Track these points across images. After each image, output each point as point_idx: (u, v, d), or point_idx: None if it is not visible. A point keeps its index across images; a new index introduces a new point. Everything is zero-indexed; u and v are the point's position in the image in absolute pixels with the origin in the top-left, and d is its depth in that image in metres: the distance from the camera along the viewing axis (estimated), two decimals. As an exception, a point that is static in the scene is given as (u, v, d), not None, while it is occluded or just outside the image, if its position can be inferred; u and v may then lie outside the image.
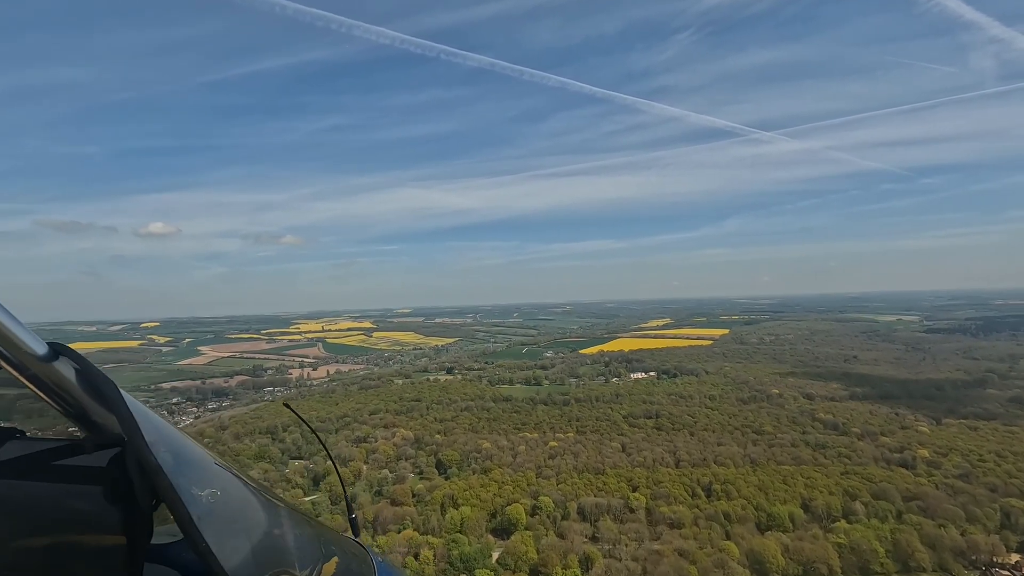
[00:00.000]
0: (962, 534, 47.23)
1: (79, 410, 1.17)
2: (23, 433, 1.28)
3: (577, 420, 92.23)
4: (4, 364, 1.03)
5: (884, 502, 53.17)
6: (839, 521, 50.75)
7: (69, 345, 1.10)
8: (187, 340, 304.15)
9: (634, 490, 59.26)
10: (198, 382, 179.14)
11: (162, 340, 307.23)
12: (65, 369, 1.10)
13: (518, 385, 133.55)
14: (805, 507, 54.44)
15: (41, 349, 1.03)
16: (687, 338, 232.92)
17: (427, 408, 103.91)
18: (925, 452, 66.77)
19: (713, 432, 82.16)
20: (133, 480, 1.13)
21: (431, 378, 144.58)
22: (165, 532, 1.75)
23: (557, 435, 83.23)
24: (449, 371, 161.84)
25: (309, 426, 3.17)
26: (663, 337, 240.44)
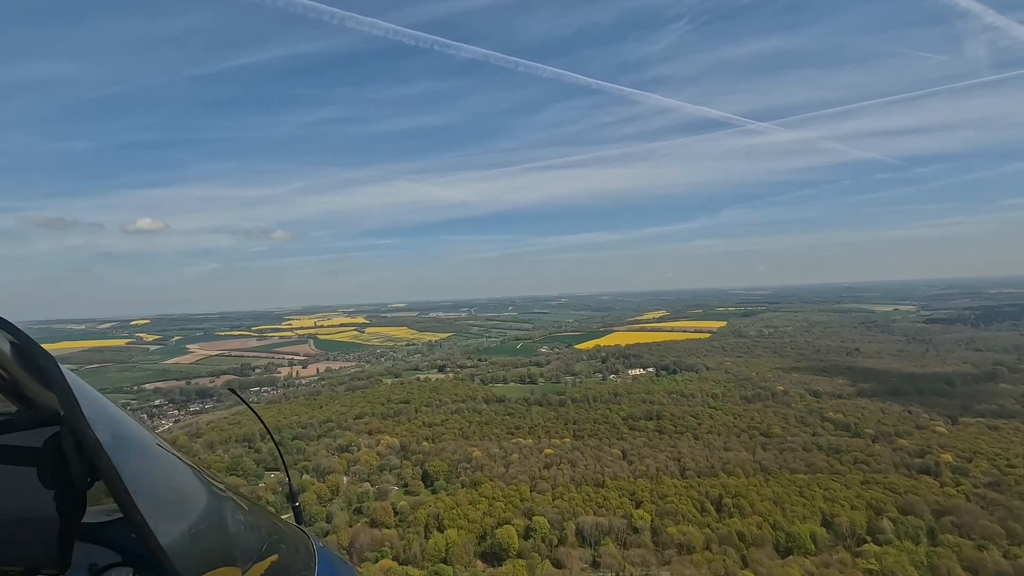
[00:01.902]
0: (1005, 556, 42.45)
1: (13, 384, 1.14)
2: None
3: (574, 423, 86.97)
4: None
5: (913, 518, 48.29)
6: (867, 543, 45.77)
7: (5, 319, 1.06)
8: (176, 338, 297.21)
9: (637, 506, 54.04)
10: (182, 382, 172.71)
11: (150, 338, 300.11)
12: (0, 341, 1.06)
13: (512, 384, 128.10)
14: (827, 524, 49.51)
15: None
16: (684, 331, 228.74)
17: (415, 411, 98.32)
18: (948, 457, 62.06)
19: (719, 435, 77.19)
20: (69, 456, 1.09)
21: (421, 377, 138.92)
22: (102, 512, 1.77)
23: (553, 440, 77.91)
24: (441, 369, 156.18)
25: (255, 411, 3.09)
26: (660, 330, 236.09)
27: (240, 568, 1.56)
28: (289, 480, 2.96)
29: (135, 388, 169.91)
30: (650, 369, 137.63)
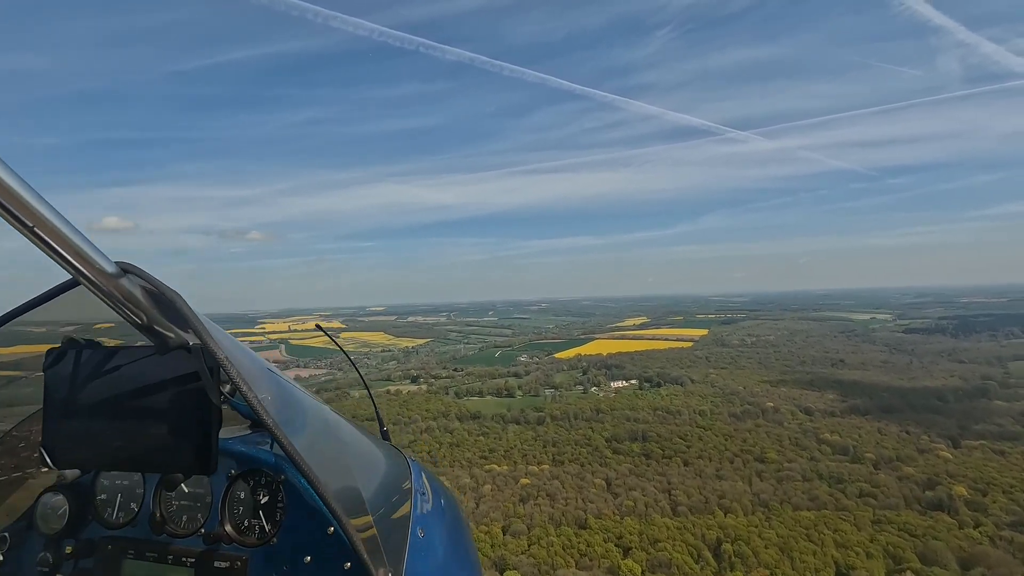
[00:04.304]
0: (1051, 621, 36.60)
1: (147, 322, 1.29)
2: (99, 344, 1.43)
3: (553, 445, 79.86)
4: (83, 280, 1.12)
5: (939, 569, 42.35)
6: (893, 604, 39.64)
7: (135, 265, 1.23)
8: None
9: (626, 553, 47.03)
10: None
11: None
12: (132, 285, 1.20)
13: (488, 397, 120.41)
14: (841, 577, 43.29)
15: (111, 267, 1.13)
16: (666, 339, 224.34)
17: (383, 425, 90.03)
18: (962, 489, 56.66)
19: (710, 460, 70.97)
20: (203, 377, 1.28)
21: (392, 389, 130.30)
22: (234, 428, 2.09)
23: (530, 467, 70.66)
24: (414, 380, 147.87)
25: (340, 346, 3.28)
26: (641, 338, 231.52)
27: (355, 474, 1.72)
28: (376, 407, 2.79)
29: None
30: (633, 381, 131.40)
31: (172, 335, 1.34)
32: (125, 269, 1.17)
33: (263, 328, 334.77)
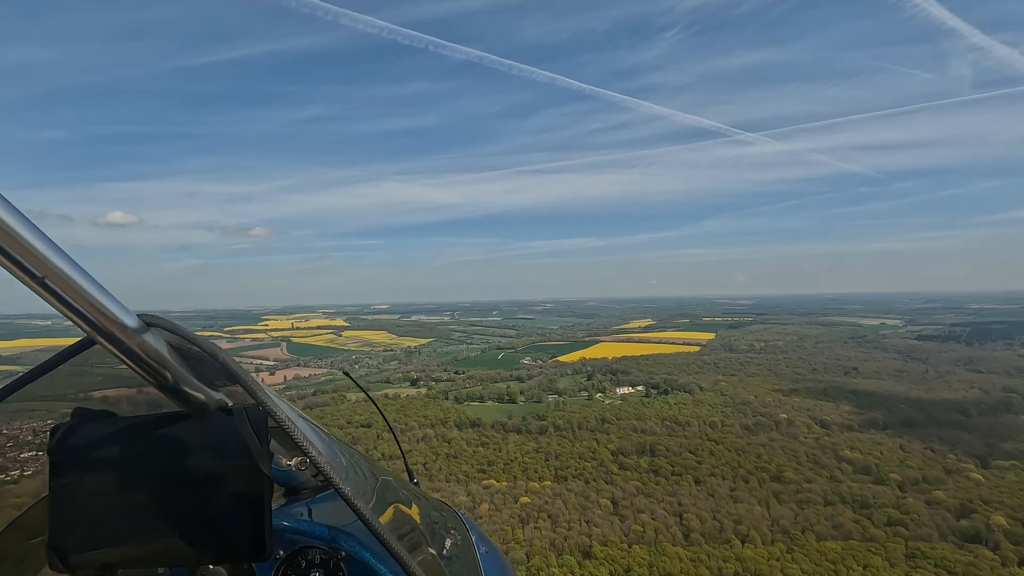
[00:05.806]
0: None
1: (174, 382, 1.11)
2: (116, 415, 1.25)
3: (556, 458, 75.68)
4: (100, 339, 0.97)
5: (986, 617, 37.93)
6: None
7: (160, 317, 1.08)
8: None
9: (635, 589, 42.93)
10: (134, 390, 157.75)
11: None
12: (157, 341, 1.05)
13: (489, 402, 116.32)
14: (876, 623, 38.97)
15: (133, 321, 0.98)
16: (672, 343, 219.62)
17: (376, 438, 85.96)
18: (1000, 519, 52.08)
19: (723, 479, 66.61)
20: (250, 443, 1.10)
21: (391, 392, 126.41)
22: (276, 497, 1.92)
23: (531, 483, 66.54)
24: (413, 383, 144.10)
25: (367, 392, 3.28)
26: (647, 341, 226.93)
27: (424, 539, 1.55)
28: (405, 459, 2.87)
29: (80, 395, 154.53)
30: (639, 387, 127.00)
31: (203, 396, 1.15)
32: (149, 322, 1.02)
33: (266, 325, 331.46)
